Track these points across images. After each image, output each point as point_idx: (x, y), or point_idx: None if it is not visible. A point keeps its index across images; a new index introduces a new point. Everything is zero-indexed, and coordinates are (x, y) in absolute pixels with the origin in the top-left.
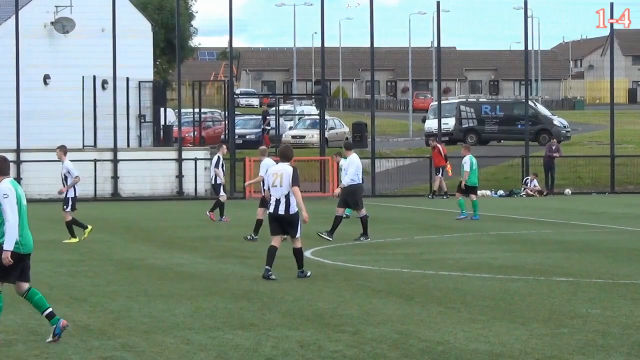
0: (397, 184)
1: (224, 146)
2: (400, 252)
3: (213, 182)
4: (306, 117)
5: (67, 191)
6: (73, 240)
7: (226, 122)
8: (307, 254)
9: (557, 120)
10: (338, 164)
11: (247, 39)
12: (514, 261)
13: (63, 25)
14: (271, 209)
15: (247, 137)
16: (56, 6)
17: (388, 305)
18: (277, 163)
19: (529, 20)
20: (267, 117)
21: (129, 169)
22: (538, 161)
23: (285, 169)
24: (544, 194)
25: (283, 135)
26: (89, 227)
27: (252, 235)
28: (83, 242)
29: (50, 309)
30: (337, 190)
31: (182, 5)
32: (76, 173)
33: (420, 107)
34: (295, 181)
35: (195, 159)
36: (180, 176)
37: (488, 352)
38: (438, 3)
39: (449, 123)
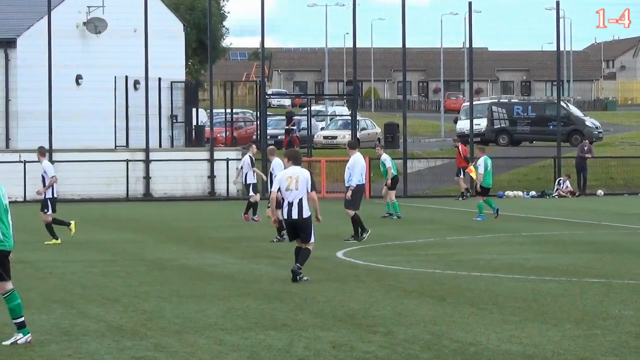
0: (428, 185)
1: (254, 146)
2: (433, 252)
3: (245, 183)
4: (338, 117)
5: (45, 192)
6: (55, 241)
7: (258, 122)
8: (339, 254)
9: (589, 121)
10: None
11: (279, 40)
12: (546, 262)
13: (95, 25)
14: (285, 214)
15: (279, 137)
16: (88, 7)
17: (420, 306)
18: (286, 166)
19: (561, 20)
20: (293, 118)
21: (160, 170)
22: (570, 162)
23: (302, 172)
24: (576, 194)
25: (315, 136)
26: (72, 221)
27: (278, 237)
28: (115, 242)
29: (23, 319)
30: (349, 194)
31: (214, 5)
32: (53, 173)
33: (452, 108)
34: (313, 186)
35: (227, 160)
36: (212, 176)
37: (520, 354)
38: (470, 3)
39: (481, 124)
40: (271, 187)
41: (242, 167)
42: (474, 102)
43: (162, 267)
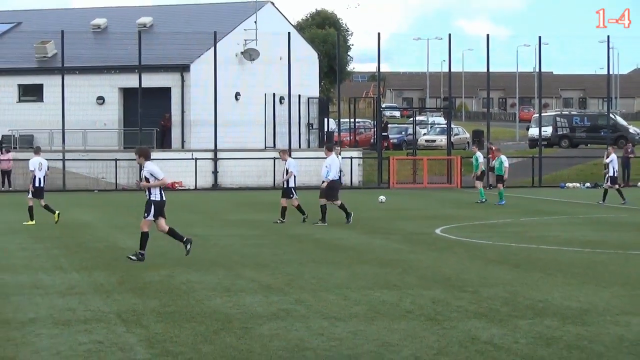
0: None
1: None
2: (510, 230)
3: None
4: (436, 125)
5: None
6: (30, 223)
7: (374, 129)
8: (437, 231)
9: (632, 129)
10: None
11: (391, 65)
12: (598, 238)
13: (250, 54)
14: None
15: (391, 140)
16: (245, 40)
17: (500, 271)
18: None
19: (610, 51)
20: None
21: (300, 164)
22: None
23: None
24: (621, 186)
25: (418, 140)
26: (57, 211)
27: (281, 219)
28: (264, 221)
29: None
30: (324, 185)
31: (341, 39)
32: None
33: (524, 118)
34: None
35: (351, 158)
36: (339, 171)
37: (578, 309)
38: (539, 37)
39: (547, 131)
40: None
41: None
42: (542, 114)
43: (301, 240)
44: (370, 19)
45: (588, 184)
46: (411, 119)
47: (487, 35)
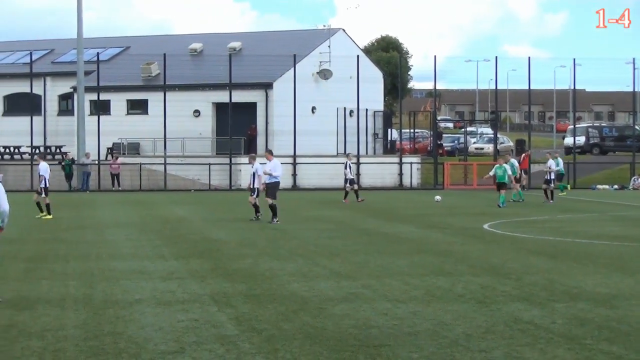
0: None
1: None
2: (548, 226)
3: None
4: (484, 135)
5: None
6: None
7: (431, 138)
8: (485, 226)
9: None
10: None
11: (446, 83)
12: (625, 233)
13: (324, 74)
14: None
15: (445, 148)
16: (320, 61)
17: (539, 261)
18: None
19: (636, 70)
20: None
21: (367, 168)
22: None
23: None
24: None
25: (469, 148)
26: (46, 213)
27: (255, 216)
28: (336, 216)
29: None
30: (262, 187)
31: (403, 61)
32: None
33: (561, 129)
34: None
35: (411, 163)
36: (400, 174)
37: (607, 294)
38: (574, 60)
39: (581, 140)
40: (253, 183)
41: (347, 170)
42: (576, 126)
43: (368, 233)
44: (428, 43)
45: (616, 186)
46: (462, 129)
47: (529, 58)
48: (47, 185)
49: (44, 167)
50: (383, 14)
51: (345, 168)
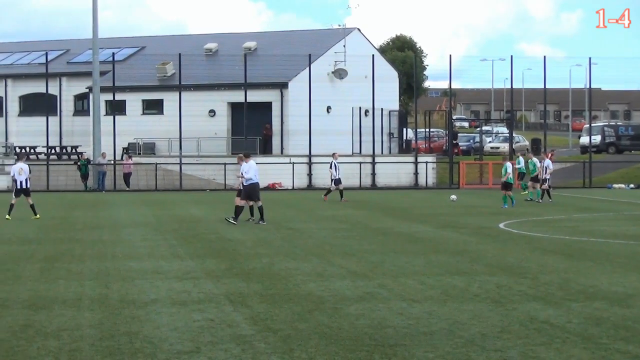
0: (560, 179)
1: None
2: (564, 225)
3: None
4: (500, 134)
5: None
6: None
7: (446, 137)
8: (500, 225)
9: None
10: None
11: (461, 82)
12: None
13: (339, 73)
14: None
15: (461, 147)
16: (335, 61)
17: (555, 261)
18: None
19: None
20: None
21: (382, 168)
22: None
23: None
24: None
25: (484, 147)
26: (9, 217)
27: (234, 217)
28: (352, 216)
29: None
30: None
31: (418, 60)
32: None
33: (576, 128)
34: None
35: (426, 162)
36: (416, 173)
37: (623, 293)
38: (590, 58)
39: (597, 139)
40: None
41: (332, 170)
42: (592, 125)
43: (383, 232)
44: (443, 43)
45: (632, 185)
46: (478, 128)
47: (544, 57)
48: (24, 187)
49: (17, 168)
50: (398, 13)
51: (331, 167)
